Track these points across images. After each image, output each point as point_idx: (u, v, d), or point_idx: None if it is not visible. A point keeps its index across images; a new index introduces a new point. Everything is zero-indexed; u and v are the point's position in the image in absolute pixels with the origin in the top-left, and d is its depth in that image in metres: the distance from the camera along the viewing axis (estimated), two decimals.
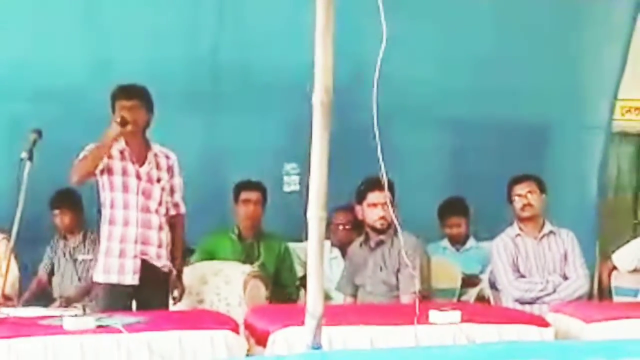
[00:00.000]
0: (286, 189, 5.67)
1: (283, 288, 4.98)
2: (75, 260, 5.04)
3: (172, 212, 4.24)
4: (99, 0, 5.18)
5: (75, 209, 5.01)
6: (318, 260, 2.44)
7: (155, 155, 4.17)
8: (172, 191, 4.22)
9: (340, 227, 5.16)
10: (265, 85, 5.40)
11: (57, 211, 5.04)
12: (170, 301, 4.22)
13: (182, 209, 4.29)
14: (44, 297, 5.05)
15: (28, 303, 4.75)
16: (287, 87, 5.00)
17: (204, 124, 5.51)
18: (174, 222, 4.25)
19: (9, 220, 3.58)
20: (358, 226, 4.73)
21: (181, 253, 4.34)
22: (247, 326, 3.57)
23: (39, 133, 3.80)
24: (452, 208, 5.56)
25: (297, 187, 5.57)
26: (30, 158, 3.71)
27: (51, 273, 5.17)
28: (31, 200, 3.61)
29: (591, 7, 5.85)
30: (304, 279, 4.45)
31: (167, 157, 4.22)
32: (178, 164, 4.26)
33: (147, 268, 4.08)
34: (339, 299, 4.63)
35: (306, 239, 2.53)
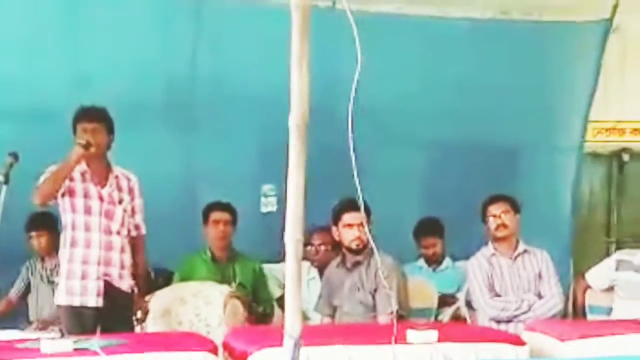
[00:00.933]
0: (263, 209, 5.68)
1: (260, 309, 4.98)
2: (52, 283, 5.00)
3: (133, 233, 4.26)
4: (76, 20, 5.18)
5: (52, 231, 4.99)
6: (295, 282, 2.45)
7: (117, 177, 4.19)
8: (133, 212, 4.24)
9: (319, 248, 5.18)
10: (242, 105, 5.42)
11: (33, 233, 5.02)
12: (135, 322, 4.22)
13: (143, 230, 4.30)
14: (14, 318, 5.02)
15: None
16: (264, 107, 5.04)
17: (180, 144, 5.53)
18: (135, 243, 4.26)
19: None
20: (337, 247, 4.75)
21: (143, 274, 4.34)
22: (226, 347, 3.57)
23: (15, 156, 3.80)
24: (427, 228, 5.60)
25: (274, 208, 5.59)
26: (7, 182, 3.71)
27: (24, 295, 5.14)
28: (6, 223, 3.60)
29: (564, 31, 5.95)
30: (282, 299, 4.47)
31: (128, 179, 4.24)
32: (139, 186, 4.27)
33: (110, 290, 4.08)
34: (316, 319, 4.64)
35: (284, 260, 2.55)
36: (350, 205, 4.19)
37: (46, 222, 4.94)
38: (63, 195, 4.07)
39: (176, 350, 3.22)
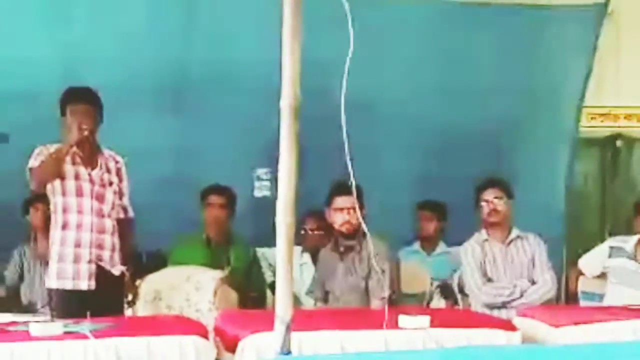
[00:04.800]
0: (257, 194, 5.67)
1: (252, 293, 4.97)
2: (46, 264, 4.95)
3: (121, 215, 4.23)
4: (67, 1, 5.14)
5: (47, 208, 4.95)
6: (287, 266, 2.44)
7: (106, 159, 4.16)
8: (120, 194, 4.21)
9: (312, 232, 5.17)
10: (237, 88, 5.40)
11: (34, 207, 4.97)
12: (125, 305, 4.21)
13: (130, 212, 4.28)
14: (11, 303, 5.01)
15: None
16: (259, 90, 4.99)
17: (174, 126, 5.51)
18: (122, 226, 4.23)
19: None
20: (330, 231, 4.73)
21: (132, 256, 4.32)
22: (217, 331, 3.56)
23: (5, 137, 3.77)
24: (426, 206, 5.59)
25: (268, 193, 5.58)
26: None
27: (20, 279, 5.12)
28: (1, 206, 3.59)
29: (558, 16, 5.92)
30: (274, 284, 4.46)
31: (116, 161, 4.22)
32: (125, 168, 4.24)
33: (100, 272, 4.06)
34: (309, 304, 4.63)
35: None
36: (342, 188, 4.17)
37: (42, 198, 4.91)
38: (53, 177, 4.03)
39: (167, 333, 3.20)
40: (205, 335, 3.30)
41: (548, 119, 6.14)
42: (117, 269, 4.14)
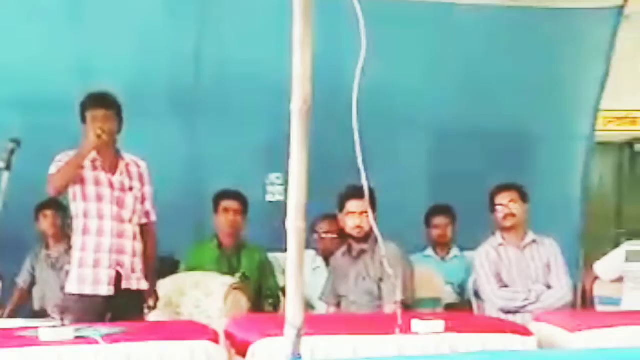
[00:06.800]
0: (270, 198, 5.65)
1: (264, 298, 4.95)
2: (60, 269, 4.94)
3: (143, 220, 4.22)
4: (81, 6, 5.15)
5: (58, 212, 4.96)
6: (297, 271, 2.41)
7: (127, 164, 4.15)
8: (142, 199, 4.20)
9: (325, 236, 5.14)
10: (248, 92, 5.38)
11: (41, 213, 4.99)
12: (146, 310, 4.19)
13: (153, 217, 4.26)
14: (22, 308, 5.01)
15: (11, 315, 4.71)
16: (272, 93, 4.97)
17: (186, 131, 5.51)
18: (145, 231, 4.22)
19: None
20: (343, 235, 4.70)
21: (154, 261, 4.30)
22: (228, 336, 3.54)
23: (17, 142, 3.78)
24: (439, 211, 5.56)
25: (281, 197, 5.56)
26: (8, 167, 3.69)
27: (32, 284, 5.12)
28: (14, 210, 3.59)
29: (574, 19, 5.88)
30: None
31: (138, 166, 4.21)
32: (148, 172, 4.23)
33: (121, 278, 4.05)
34: (322, 308, 4.60)
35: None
36: (354, 192, 4.16)
37: (56, 206, 4.91)
38: (74, 183, 4.04)
39: (178, 339, 3.19)
40: (216, 340, 3.28)
41: (564, 123, 6.10)
42: (137, 274, 4.11)
